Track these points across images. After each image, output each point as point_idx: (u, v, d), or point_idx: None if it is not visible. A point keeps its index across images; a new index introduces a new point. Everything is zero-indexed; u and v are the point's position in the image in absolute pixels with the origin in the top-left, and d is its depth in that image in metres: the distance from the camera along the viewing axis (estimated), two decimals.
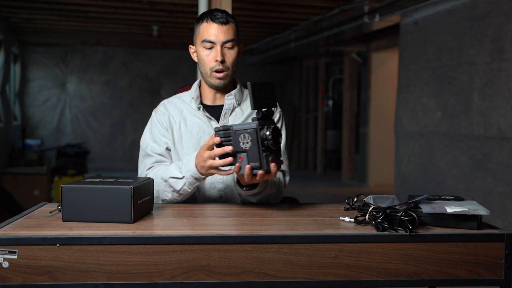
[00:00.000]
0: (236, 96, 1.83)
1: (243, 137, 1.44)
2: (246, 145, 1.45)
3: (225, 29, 1.74)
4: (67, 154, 7.95)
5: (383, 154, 7.76)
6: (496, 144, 4.37)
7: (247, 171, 1.45)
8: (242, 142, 1.45)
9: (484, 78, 4.54)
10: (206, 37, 1.74)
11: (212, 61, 1.75)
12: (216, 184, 1.79)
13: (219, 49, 1.74)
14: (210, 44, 1.75)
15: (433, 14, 5.33)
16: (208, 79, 1.78)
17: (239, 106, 1.84)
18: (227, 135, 1.47)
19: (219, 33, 1.74)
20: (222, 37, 1.74)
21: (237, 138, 1.45)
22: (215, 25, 1.74)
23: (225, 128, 1.48)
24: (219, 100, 1.84)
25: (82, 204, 1.35)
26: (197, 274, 1.22)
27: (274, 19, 6.66)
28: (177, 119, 1.82)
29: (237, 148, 1.46)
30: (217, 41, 1.74)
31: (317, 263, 1.25)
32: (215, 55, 1.74)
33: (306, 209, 1.60)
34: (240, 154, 1.46)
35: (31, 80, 9.69)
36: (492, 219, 4.21)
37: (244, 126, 1.45)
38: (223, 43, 1.74)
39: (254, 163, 1.44)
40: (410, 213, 1.29)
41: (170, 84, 10.19)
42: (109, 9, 6.09)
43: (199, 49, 1.78)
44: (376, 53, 7.81)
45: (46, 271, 1.20)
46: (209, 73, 1.77)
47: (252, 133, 1.43)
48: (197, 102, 1.82)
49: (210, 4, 3.94)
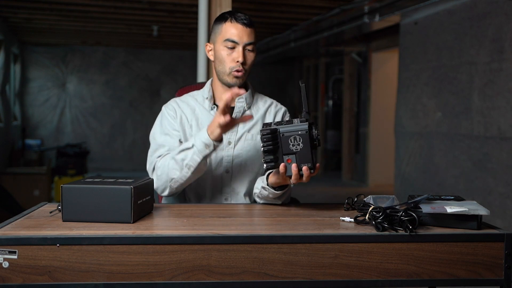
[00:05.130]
0: (247, 99, 1.83)
1: (293, 139, 1.44)
2: (297, 147, 1.44)
3: (249, 31, 1.75)
4: (67, 154, 7.95)
5: (383, 154, 7.76)
6: (496, 144, 4.37)
7: (295, 171, 1.44)
8: (292, 144, 1.44)
9: (484, 78, 4.53)
10: (229, 37, 1.74)
11: (233, 61, 1.74)
12: (222, 187, 1.79)
13: (241, 50, 1.74)
14: (233, 44, 1.74)
15: (433, 14, 5.33)
16: (226, 77, 1.77)
17: (249, 109, 1.85)
18: (275, 138, 1.45)
19: (243, 34, 1.74)
20: (245, 39, 1.74)
21: (287, 140, 1.44)
22: (240, 26, 1.74)
23: (273, 131, 1.45)
24: (231, 101, 1.84)
25: (82, 204, 1.35)
26: (197, 274, 1.22)
27: (274, 19, 6.66)
28: (189, 117, 1.81)
29: (286, 151, 1.45)
30: (240, 42, 1.74)
31: (317, 263, 1.25)
32: (237, 56, 1.73)
33: (306, 209, 1.60)
34: (288, 156, 1.45)
35: (31, 80, 9.69)
36: (492, 219, 4.20)
37: (293, 128, 1.44)
38: (246, 45, 1.75)
39: (306, 164, 1.44)
40: (410, 213, 1.29)
41: (170, 84, 10.19)
42: (109, 9, 6.09)
43: (220, 47, 1.76)
44: (376, 53, 7.81)
45: (46, 271, 1.20)
46: (228, 72, 1.76)
47: (304, 135, 1.43)
48: (211, 102, 1.82)
49: (210, 4, 3.95)
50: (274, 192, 1.63)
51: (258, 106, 1.88)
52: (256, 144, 1.80)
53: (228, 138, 1.79)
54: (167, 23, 7.04)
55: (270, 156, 1.46)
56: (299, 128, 1.44)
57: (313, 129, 1.45)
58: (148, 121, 2.04)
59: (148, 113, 9.87)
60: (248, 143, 1.80)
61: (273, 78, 10.78)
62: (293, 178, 1.46)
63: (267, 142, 1.45)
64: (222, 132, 1.61)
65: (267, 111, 1.88)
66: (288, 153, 1.45)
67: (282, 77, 10.83)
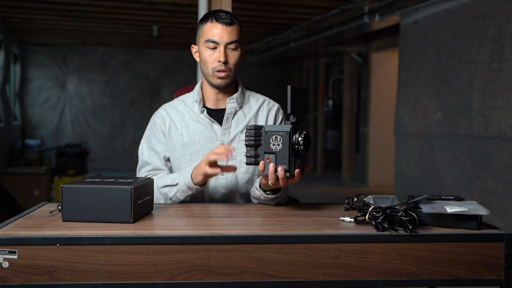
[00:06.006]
0: (237, 99, 1.83)
1: (274, 139, 1.46)
2: (276, 147, 1.46)
3: (230, 30, 1.74)
4: (67, 154, 7.95)
5: (383, 154, 7.76)
6: (496, 144, 4.37)
7: (271, 170, 1.46)
8: (273, 143, 1.46)
9: (484, 78, 4.53)
10: (210, 37, 1.74)
11: (215, 61, 1.74)
12: (219, 189, 1.79)
13: (222, 49, 1.73)
14: (214, 44, 1.74)
15: (433, 14, 5.33)
16: (210, 78, 1.78)
17: (241, 109, 1.84)
18: (258, 134, 1.48)
19: (223, 33, 1.73)
20: (226, 38, 1.73)
21: (268, 139, 1.46)
22: (220, 26, 1.73)
23: (257, 127, 1.49)
24: (222, 103, 1.84)
25: (82, 204, 1.35)
26: (197, 274, 1.22)
27: (274, 19, 6.66)
28: (179, 126, 1.82)
29: (266, 149, 1.47)
30: (221, 42, 1.73)
31: (317, 263, 1.25)
32: (218, 56, 1.73)
33: (306, 209, 1.60)
34: (268, 155, 1.47)
35: (31, 80, 9.69)
36: (492, 219, 4.20)
37: (277, 128, 1.47)
38: (227, 44, 1.74)
39: (282, 166, 1.46)
40: (410, 213, 1.29)
41: (170, 84, 10.19)
42: (109, 9, 6.09)
43: (202, 48, 1.77)
44: (376, 53, 7.81)
45: (46, 271, 1.20)
46: (211, 73, 1.76)
47: (285, 136, 1.45)
48: (200, 105, 1.82)
49: (210, 4, 3.95)
50: (265, 196, 1.64)
51: (250, 105, 1.87)
52: None
53: (221, 140, 1.80)
54: (167, 23, 7.04)
55: (251, 151, 1.49)
56: (281, 129, 1.46)
57: (296, 134, 1.46)
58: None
59: (148, 113, 9.82)
60: (241, 144, 1.79)
61: (273, 78, 10.78)
62: (269, 177, 1.47)
63: (249, 136, 1.49)
64: (205, 179, 1.66)
65: (260, 110, 1.87)
66: (268, 151, 1.47)
67: (282, 77, 10.83)
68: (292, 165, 1.46)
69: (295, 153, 1.46)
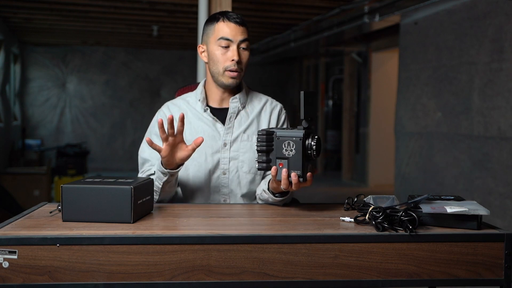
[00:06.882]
0: (240, 99, 1.82)
1: (287, 144, 1.45)
2: (289, 152, 1.45)
3: (242, 29, 1.74)
4: (67, 154, 7.95)
5: (383, 154, 7.76)
6: (496, 144, 4.37)
7: (284, 175, 1.46)
8: (286, 149, 1.46)
9: (484, 78, 4.53)
10: (223, 35, 1.73)
11: (228, 60, 1.73)
12: (220, 189, 1.78)
13: (236, 48, 1.73)
14: (227, 43, 1.73)
15: (433, 14, 5.33)
16: (220, 78, 1.76)
17: (243, 109, 1.83)
18: (270, 140, 1.48)
19: (237, 32, 1.73)
20: (239, 36, 1.73)
21: (281, 144, 1.46)
22: (232, 25, 1.73)
23: (268, 132, 1.48)
24: (225, 102, 1.83)
25: (82, 204, 1.35)
26: (197, 274, 1.22)
27: (274, 19, 6.66)
28: None
29: (278, 154, 1.47)
30: (235, 40, 1.73)
31: (317, 263, 1.25)
32: (232, 55, 1.73)
33: (306, 209, 1.60)
34: (281, 160, 1.46)
35: (31, 80, 9.70)
36: (492, 219, 4.20)
37: (289, 133, 1.46)
38: (240, 43, 1.74)
39: (295, 171, 1.45)
40: (410, 213, 1.29)
41: (170, 84, 10.19)
42: (109, 9, 6.09)
43: (213, 47, 1.75)
44: (376, 53, 7.81)
45: (46, 271, 1.20)
46: (222, 72, 1.75)
47: (298, 142, 1.44)
48: (203, 104, 1.81)
49: (210, 4, 3.95)
50: (273, 198, 1.64)
51: (253, 104, 1.86)
52: (253, 144, 1.78)
53: (223, 139, 1.79)
54: (167, 23, 7.04)
55: (263, 156, 1.49)
56: (294, 135, 1.45)
57: (309, 138, 1.45)
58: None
59: (148, 113, 9.86)
60: (244, 144, 1.79)
61: (273, 78, 10.78)
62: (282, 182, 1.47)
63: (261, 142, 1.48)
64: (169, 161, 1.60)
65: (263, 109, 1.87)
66: (280, 157, 1.47)
67: (282, 77, 10.83)
68: (305, 170, 1.46)
69: (308, 158, 1.46)
